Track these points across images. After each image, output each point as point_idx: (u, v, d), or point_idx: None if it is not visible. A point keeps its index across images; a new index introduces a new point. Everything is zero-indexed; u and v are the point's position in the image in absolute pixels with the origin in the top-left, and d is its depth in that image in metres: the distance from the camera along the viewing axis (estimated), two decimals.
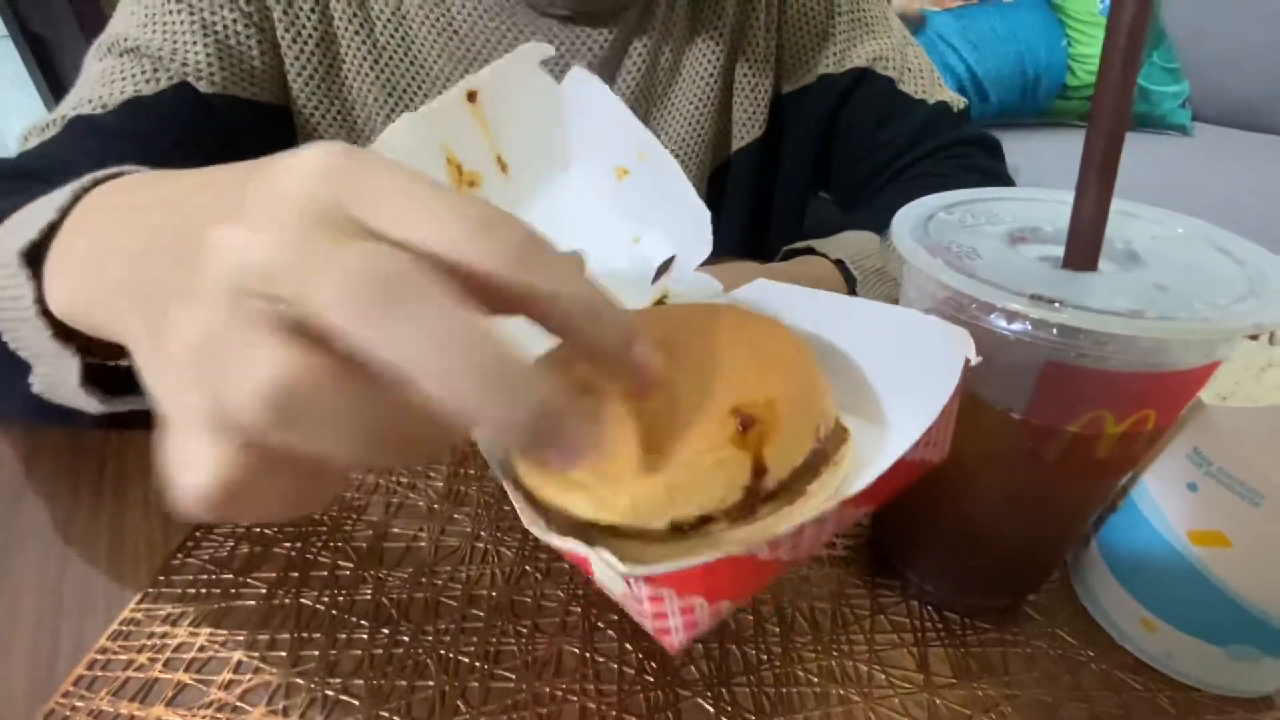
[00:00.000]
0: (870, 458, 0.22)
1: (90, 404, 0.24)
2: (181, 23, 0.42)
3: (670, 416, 0.18)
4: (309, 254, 0.13)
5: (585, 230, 0.25)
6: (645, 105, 0.53)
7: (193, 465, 0.14)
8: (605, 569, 0.16)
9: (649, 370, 0.17)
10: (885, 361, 0.23)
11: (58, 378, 0.24)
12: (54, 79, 1.57)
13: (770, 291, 0.26)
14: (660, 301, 0.28)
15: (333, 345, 0.13)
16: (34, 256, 0.22)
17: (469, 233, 0.14)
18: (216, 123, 0.43)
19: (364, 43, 0.46)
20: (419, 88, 0.49)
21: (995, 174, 0.57)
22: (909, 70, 0.57)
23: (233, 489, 0.14)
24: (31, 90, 1.58)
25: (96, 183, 0.23)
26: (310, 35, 0.45)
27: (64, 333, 0.22)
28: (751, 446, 0.18)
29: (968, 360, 0.19)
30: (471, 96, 0.32)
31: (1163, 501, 0.24)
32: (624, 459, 0.18)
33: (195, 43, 0.42)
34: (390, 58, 0.47)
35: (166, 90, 0.42)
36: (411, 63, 0.48)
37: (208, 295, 0.13)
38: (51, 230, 0.22)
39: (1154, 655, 0.26)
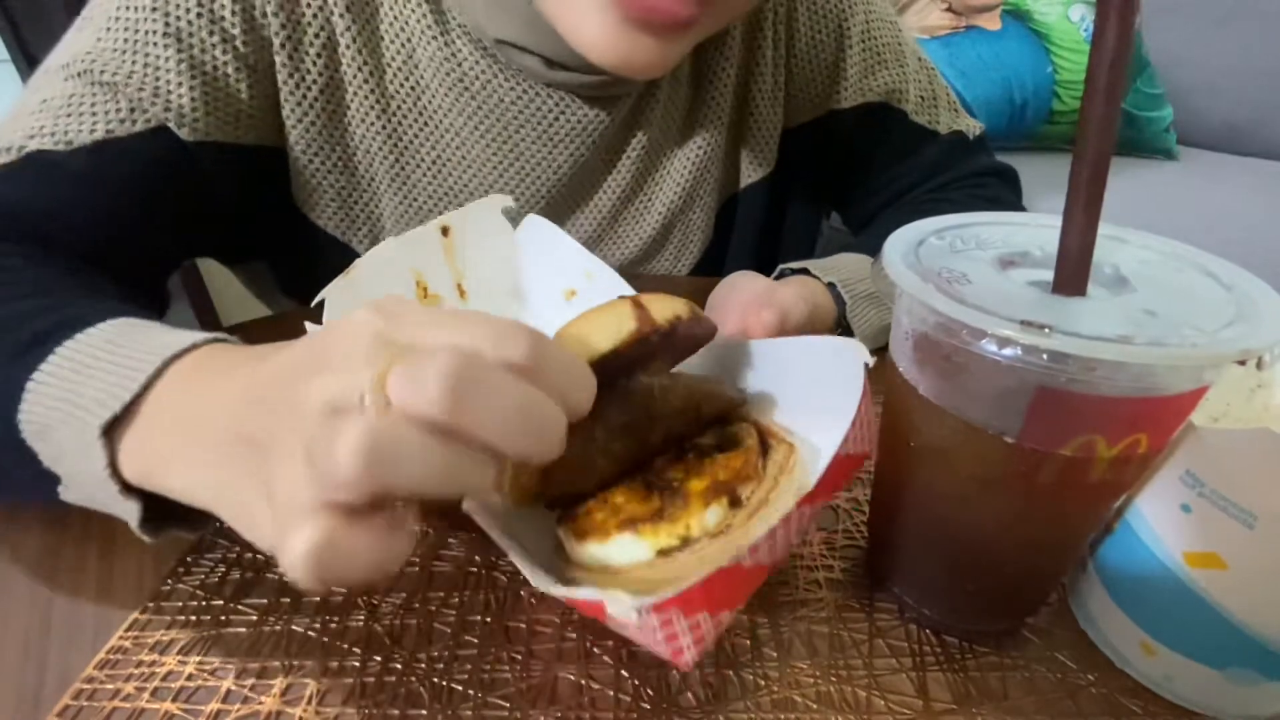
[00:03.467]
0: (813, 463, 0.26)
1: (141, 535, 0.25)
2: (168, 59, 0.38)
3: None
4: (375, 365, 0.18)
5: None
6: (657, 154, 0.52)
7: (298, 538, 0.17)
8: (619, 607, 0.19)
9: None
10: (808, 384, 0.28)
11: (105, 508, 0.25)
12: None
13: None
14: None
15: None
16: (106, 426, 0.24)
17: (489, 341, 0.19)
18: (196, 168, 0.41)
19: (372, 91, 0.44)
20: (426, 138, 0.47)
21: (1007, 203, 0.55)
22: (923, 100, 0.55)
23: (329, 548, 0.17)
24: None
25: (173, 360, 0.24)
26: (315, 81, 0.43)
27: (128, 488, 0.24)
28: (638, 307, 0.24)
29: (866, 365, 0.24)
30: (445, 231, 0.39)
31: (1157, 524, 0.24)
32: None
33: (181, 84, 0.38)
34: (399, 107, 0.46)
35: (143, 133, 0.38)
36: (420, 113, 0.46)
37: (312, 412, 0.18)
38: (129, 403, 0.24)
39: (1153, 679, 0.25)
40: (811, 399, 0.28)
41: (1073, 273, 0.21)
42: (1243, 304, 0.21)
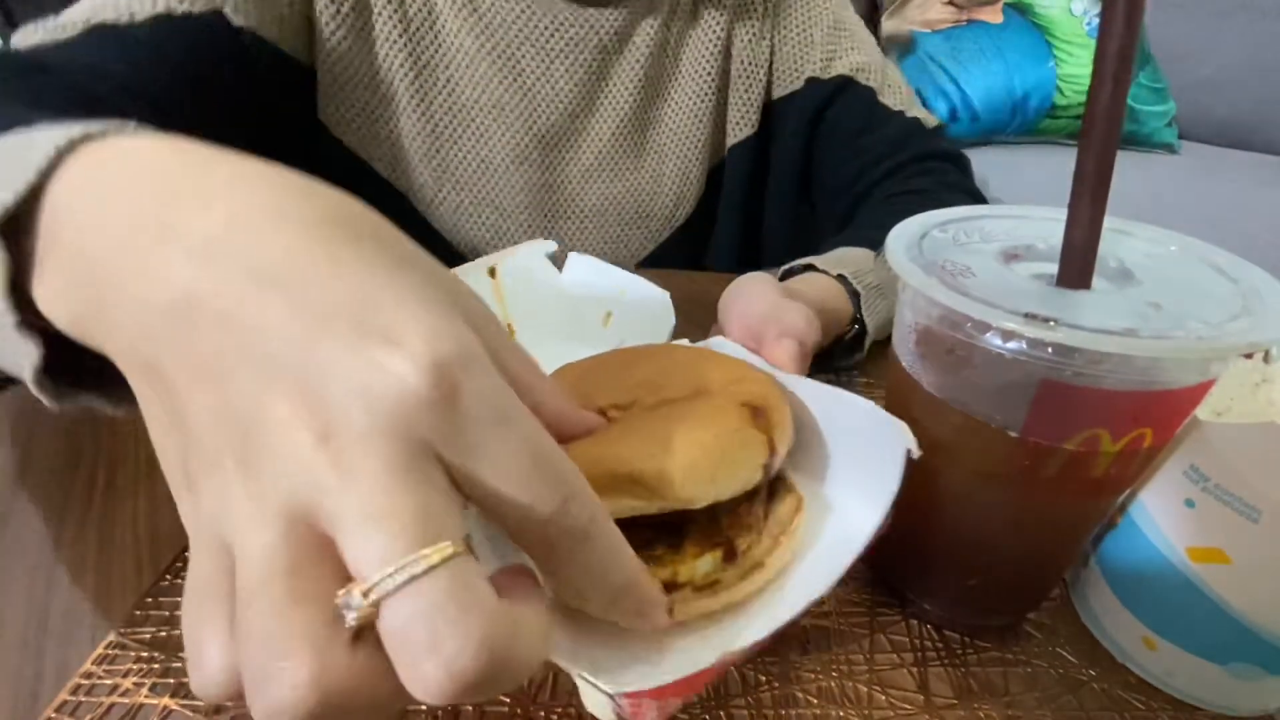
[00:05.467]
0: (816, 530, 0.24)
1: (40, 395, 0.19)
2: None
3: (689, 417, 0.22)
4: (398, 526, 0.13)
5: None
6: (650, 90, 0.57)
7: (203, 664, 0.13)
8: (593, 702, 0.18)
9: None
10: (832, 435, 0.26)
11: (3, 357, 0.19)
12: None
13: (726, 348, 0.30)
14: None
15: None
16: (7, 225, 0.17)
17: (543, 515, 0.15)
18: (242, 61, 0.44)
19: (395, 12, 0.50)
20: (441, 60, 0.52)
21: (970, 190, 0.60)
22: (889, 85, 0.60)
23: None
24: None
25: (79, 142, 0.17)
26: None
27: (30, 320, 0.17)
28: (764, 429, 0.22)
29: (909, 451, 0.22)
30: (492, 272, 0.40)
31: (1161, 519, 0.24)
32: (662, 453, 0.20)
33: None
34: (418, 29, 0.51)
35: (198, 15, 0.42)
36: (436, 35, 0.51)
37: (267, 514, 0.13)
38: (32, 194, 0.17)
39: (1155, 674, 0.25)
40: (835, 456, 0.26)
41: (1078, 265, 0.21)
42: (1249, 297, 0.21)
